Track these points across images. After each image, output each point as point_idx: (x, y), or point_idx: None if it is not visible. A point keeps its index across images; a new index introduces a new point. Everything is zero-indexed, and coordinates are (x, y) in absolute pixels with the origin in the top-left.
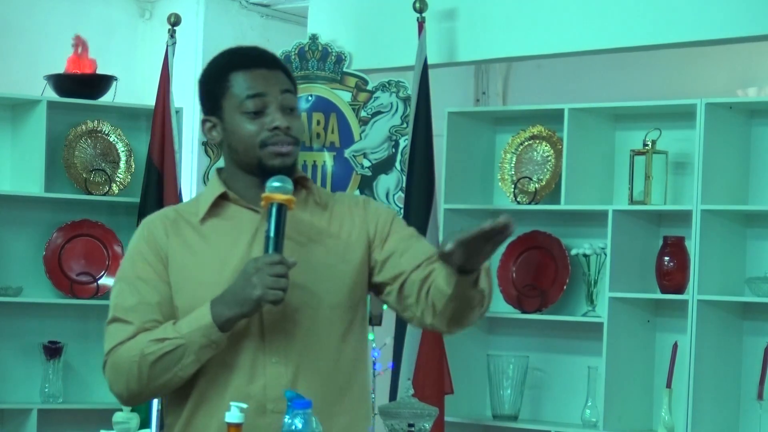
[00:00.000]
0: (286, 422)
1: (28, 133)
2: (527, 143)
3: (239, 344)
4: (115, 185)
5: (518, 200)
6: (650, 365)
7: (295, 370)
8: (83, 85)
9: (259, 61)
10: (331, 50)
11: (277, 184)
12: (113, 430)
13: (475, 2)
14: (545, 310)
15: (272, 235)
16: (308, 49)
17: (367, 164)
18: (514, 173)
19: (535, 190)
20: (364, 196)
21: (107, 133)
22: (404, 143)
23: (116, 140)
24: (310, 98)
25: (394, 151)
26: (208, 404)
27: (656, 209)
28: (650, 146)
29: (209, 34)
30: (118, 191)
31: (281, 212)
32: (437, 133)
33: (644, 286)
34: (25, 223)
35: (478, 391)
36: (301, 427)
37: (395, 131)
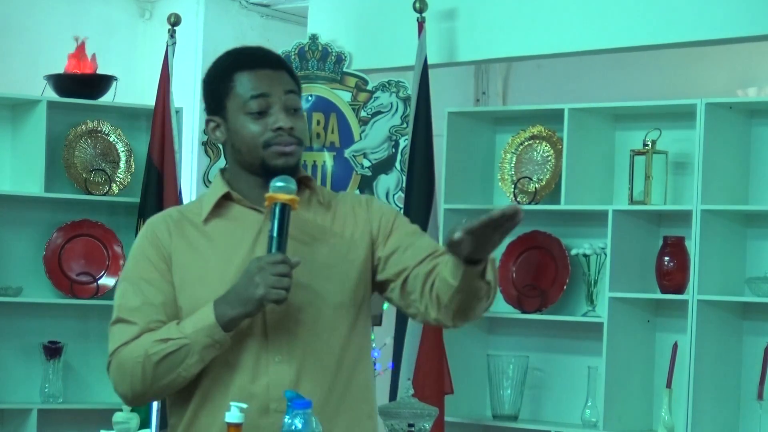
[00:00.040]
0: (286, 422)
1: (28, 133)
2: (527, 143)
3: (242, 343)
4: (115, 185)
5: (518, 200)
6: (650, 365)
7: (298, 369)
8: (83, 85)
9: (263, 61)
10: (331, 50)
11: (280, 184)
12: (113, 430)
13: (475, 2)
14: (545, 310)
15: (275, 234)
16: (308, 49)
17: (367, 164)
18: (514, 173)
19: (535, 190)
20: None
21: (107, 133)
22: (404, 143)
23: (116, 140)
24: (310, 98)
25: (394, 151)
26: (211, 404)
27: (656, 209)
28: (650, 146)
29: (209, 34)
30: (118, 191)
31: (284, 212)
32: (437, 133)
33: (644, 286)
34: (25, 223)
35: (478, 391)
36: (301, 427)
37: (395, 131)
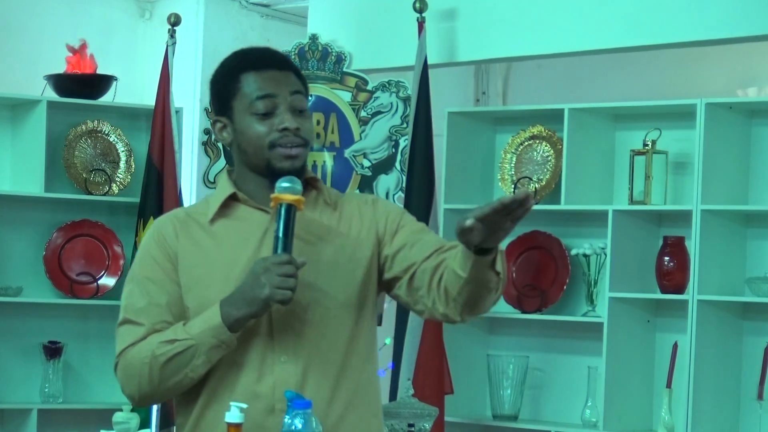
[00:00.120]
0: (285, 422)
1: (28, 133)
2: (527, 143)
3: (248, 343)
4: (115, 185)
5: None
6: (650, 365)
7: (304, 368)
8: (83, 85)
9: (269, 62)
10: (331, 50)
11: (286, 184)
12: (113, 430)
13: (475, 2)
14: (545, 310)
15: (281, 235)
16: (308, 49)
17: (367, 164)
18: (514, 173)
19: (535, 190)
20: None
21: (107, 133)
22: (404, 143)
23: (116, 140)
24: (310, 98)
25: (394, 151)
26: (217, 403)
27: (656, 209)
28: (650, 146)
29: (209, 34)
30: (118, 191)
31: (290, 213)
32: (437, 133)
33: (644, 286)
34: (25, 223)
35: (478, 391)
36: (301, 427)
37: (395, 131)
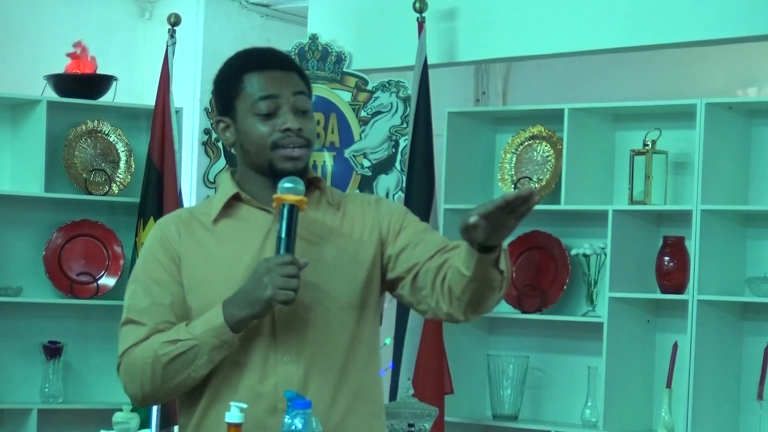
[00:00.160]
0: (285, 422)
1: (28, 133)
2: (527, 143)
3: (251, 343)
4: (115, 185)
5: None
6: (650, 365)
7: (306, 368)
8: (83, 85)
9: (273, 62)
10: (331, 50)
11: (288, 185)
12: (113, 430)
13: (475, 2)
14: (545, 310)
15: (283, 235)
16: (308, 49)
17: (367, 164)
18: (514, 173)
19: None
20: (376, 195)
21: (107, 133)
22: (404, 143)
23: (116, 140)
24: None
25: (394, 151)
26: (220, 403)
27: (656, 209)
28: (650, 146)
29: (209, 34)
30: (118, 191)
31: (293, 213)
32: (437, 133)
33: (644, 286)
34: (25, 223)
35: (478, 391)
36: (301, 427)
37: (395, 131)
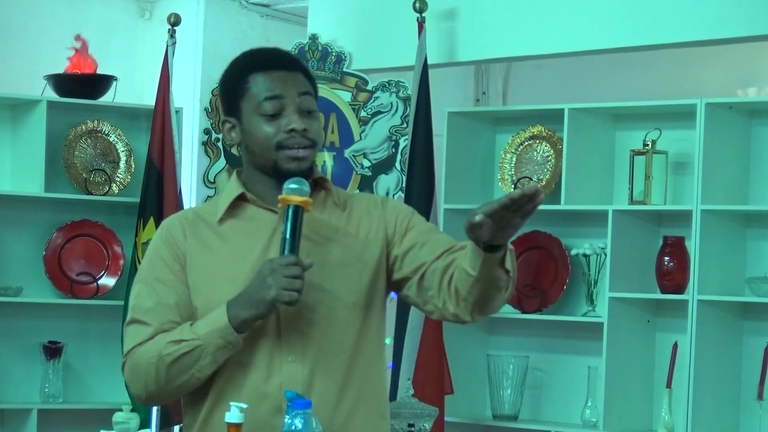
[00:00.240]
0: (286, 422)
1: (28, 133)
2: (527, 143)
3: (256, 343)
4: (115, 185)
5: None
6: (650, 365)
7: (311, 368)
8: (83, 85)
9: (278, 62)
10: (331, 50)
11: (293, 186)
12: (113, 430)
13: (475, 2)
14: (545, 310)
15: (288, 236)
16: (308, 49)
17: (367, 164)
18: (514, 173)
19: None
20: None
21: (107, 133)
22: (404, 143)
23: (116, 140)
24: None
25: (394, 151)
26: (225, 403)
27: (656, 209)
28: (650, 146)
29: (209, 34)
30: (118, 191)
31: (297, 214)
32: (437, 133)
33: (644, 286)
34: (25, 223)
35: (478, 391)
36: (301, 427)
37: (395, 131)
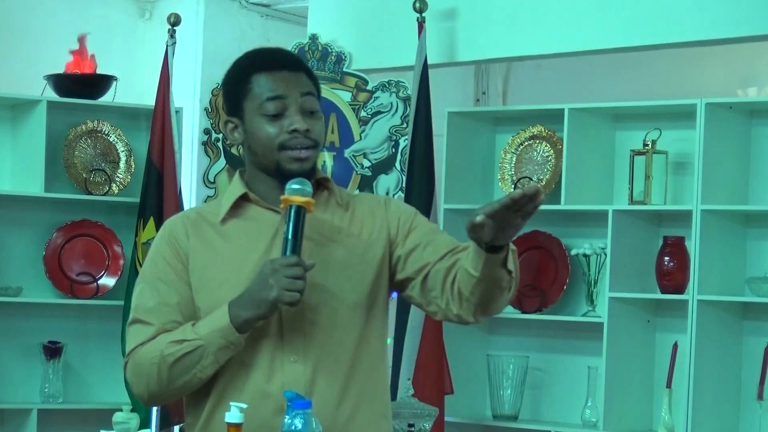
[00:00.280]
0: (286, 422)
1: (28, 133)
2: (527, 143)
3: (258, 343)
4: (115, 185)
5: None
6: (650, 365)
7: (313, 369)
8: (83, 85)
9: (281, 63)
10: (331, 50)
11: (296, 186)
12: (113, 430)
13: (475, 2)
14: (545, 310)
15: (290, 237)
16: (308, 49)
17: (367, 164)
18: (514, 173)
19: None
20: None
21: (107, 133)
22: (404, 143)
23: (116, 140)
24: None
25: (394, 151)
26: (227, 403)
27: (656, 209)
28: (650, 146)
29: (209, 34)
30: (118, 191)
31: (300, 214)
32: (437, 133)
33: (644, 286)
34: (25, 223)
35: (478, 391)
36: (301, 427)
37: (395, 131)
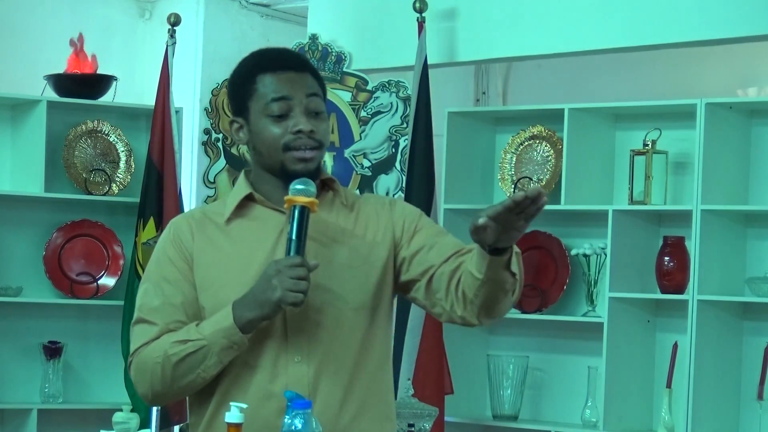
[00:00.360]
0: (286, 422)
1: (28, 133)
2: (527, 143)
3: (262, 343)
4: (115, 185)
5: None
6: (650, 365)
7: (317, 369)
8: (83, 85)
9: (286, 63)
10: (331, 50)
11: (300, 186)
12: (113, 430)
13: (475, 2)
14: (545, 310)
15: (294, 237)
16: (308, 49)
17: (367, 164)
18: (514, 173)
19: None
20: (391, 197)
21: (107, 133)
22: (404, 143)
23: (116, 140)
24: None
25: (394, 151)
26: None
27: (656, 209)
28: (650, 146)
29: (209, 34)
30: (118, 191)
31: (303, 215)
32: (437, 133)
33: (644, 286)
34: (25, 223)
35: (478, 391)
36: (301, 427)
37: (395, 131)
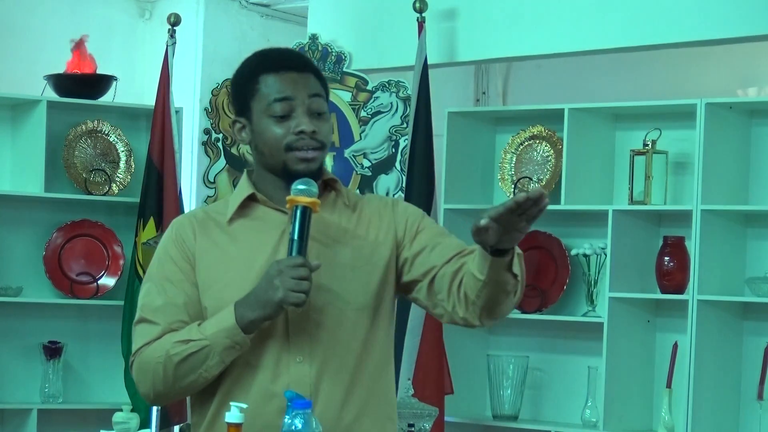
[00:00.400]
0: (286, 422)
1: (28, 133)
2: (527, 143)
3: (264, 343)
4: (115, 185)
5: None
6: (650, 365)
7: (319, 369)
8: (83, 85)
9: (289, 64)
10: (331, 50)
11: (301, 186)
12: (113, 430)
13: (475, 2)
14: (545, 310)
15: (296, 237)
16: (308, 49)
17: (367, 164)
18: (514, 173)
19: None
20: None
21: (107, 133)
22: (404, 143)
23: (116, 140)
24: None
25: (394, 151)
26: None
27: (656, 209)
28: (650, 146)
29: (209, 34)
30: (118, 191)
31: (305, 215)
32: (437, 133)
33: (644, 286)
34: (25, 223)
35: (478, 391)
36: (301, 427)
37: (395, 131)
